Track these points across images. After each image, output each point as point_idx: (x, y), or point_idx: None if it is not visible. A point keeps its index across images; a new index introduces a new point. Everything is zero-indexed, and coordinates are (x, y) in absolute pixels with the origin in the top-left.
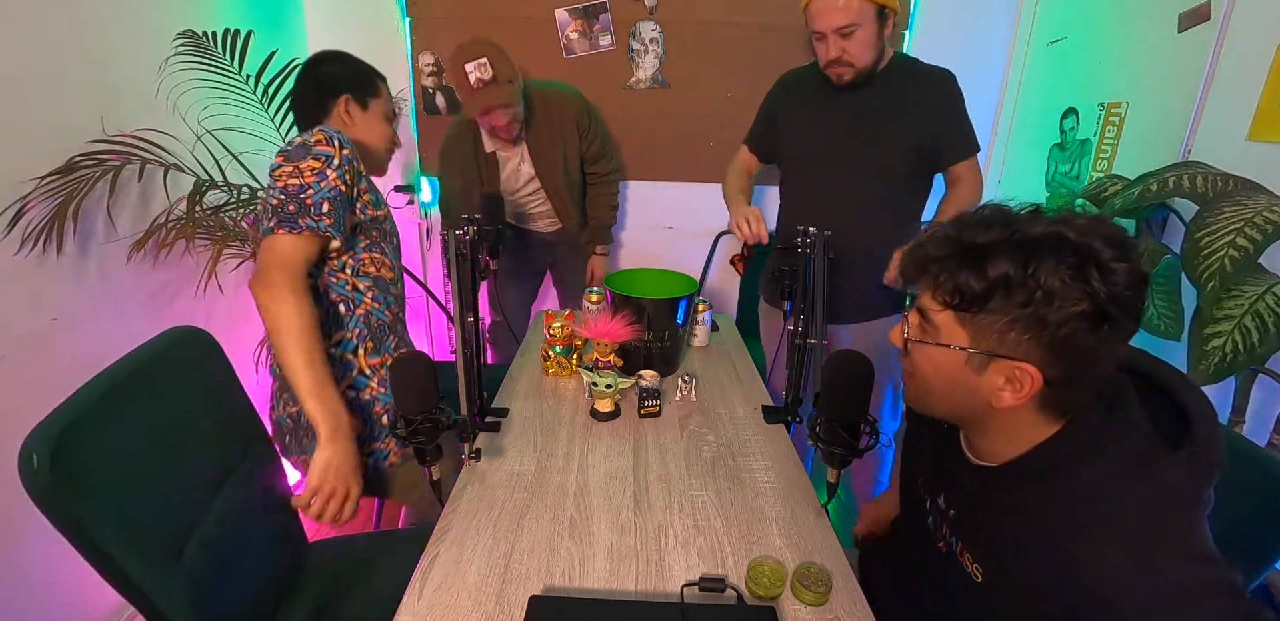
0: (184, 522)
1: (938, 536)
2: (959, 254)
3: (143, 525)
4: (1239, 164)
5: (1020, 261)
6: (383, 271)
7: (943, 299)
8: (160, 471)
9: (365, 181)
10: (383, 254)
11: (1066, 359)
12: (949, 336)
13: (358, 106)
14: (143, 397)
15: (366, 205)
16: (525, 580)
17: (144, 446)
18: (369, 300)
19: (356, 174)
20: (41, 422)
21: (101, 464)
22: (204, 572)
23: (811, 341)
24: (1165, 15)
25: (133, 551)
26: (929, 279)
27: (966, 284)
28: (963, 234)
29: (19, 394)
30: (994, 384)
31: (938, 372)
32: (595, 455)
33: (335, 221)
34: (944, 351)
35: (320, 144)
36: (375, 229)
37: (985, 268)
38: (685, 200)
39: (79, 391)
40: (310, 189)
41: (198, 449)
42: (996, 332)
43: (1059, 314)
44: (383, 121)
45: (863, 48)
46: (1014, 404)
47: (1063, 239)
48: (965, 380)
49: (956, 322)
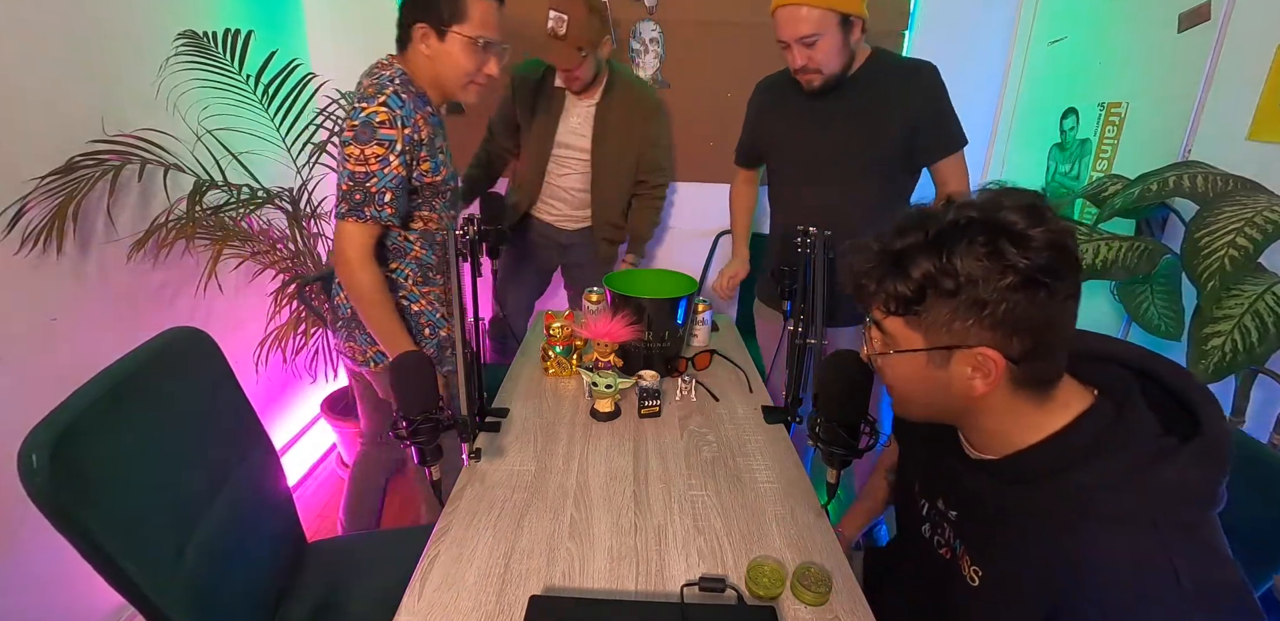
0: (184, 523)
1: (939, 542)
2: (881, 263)
3: (142, 525)
4: (1239, 164)
5: (936, 255)
6: (429, 225)
7: (883, 308)
8: (160, 472)
9: (425, 149)
10: (433, 210)
11: (1019, 332)
12: (906, 341)
13: (435, 36)
14: (142, 398)
15: (424, 173)
16: (525, 580)
17: (143, 447)
18: (417, 248)
19: (418, 145)
20: (41, 422)
21: (101, 464)
22: (204, 573)
23: (811, 341)
24: (1165, 15)
25: (132, 551)
26: (865, 292)
27: (897, 290)
28: (884, 244)
29: (19, 394)
30: (963, 375)
31: (909, 378)
32: (595, 455)
33: (396, 210)
34: (906, 357)
35: (384, 126)
36: (430, 190)
37: (908, 270)
38: (685, 200)
39: (78, 391)
40: (375, 177)
41: (197, 449)
42: (944, 326)
43: (989, 293)
44: (466, 54)
45: (828, 56)
46: (989, 389)
47: (969, 221)
48: (935, 378)
49: (907, 327)
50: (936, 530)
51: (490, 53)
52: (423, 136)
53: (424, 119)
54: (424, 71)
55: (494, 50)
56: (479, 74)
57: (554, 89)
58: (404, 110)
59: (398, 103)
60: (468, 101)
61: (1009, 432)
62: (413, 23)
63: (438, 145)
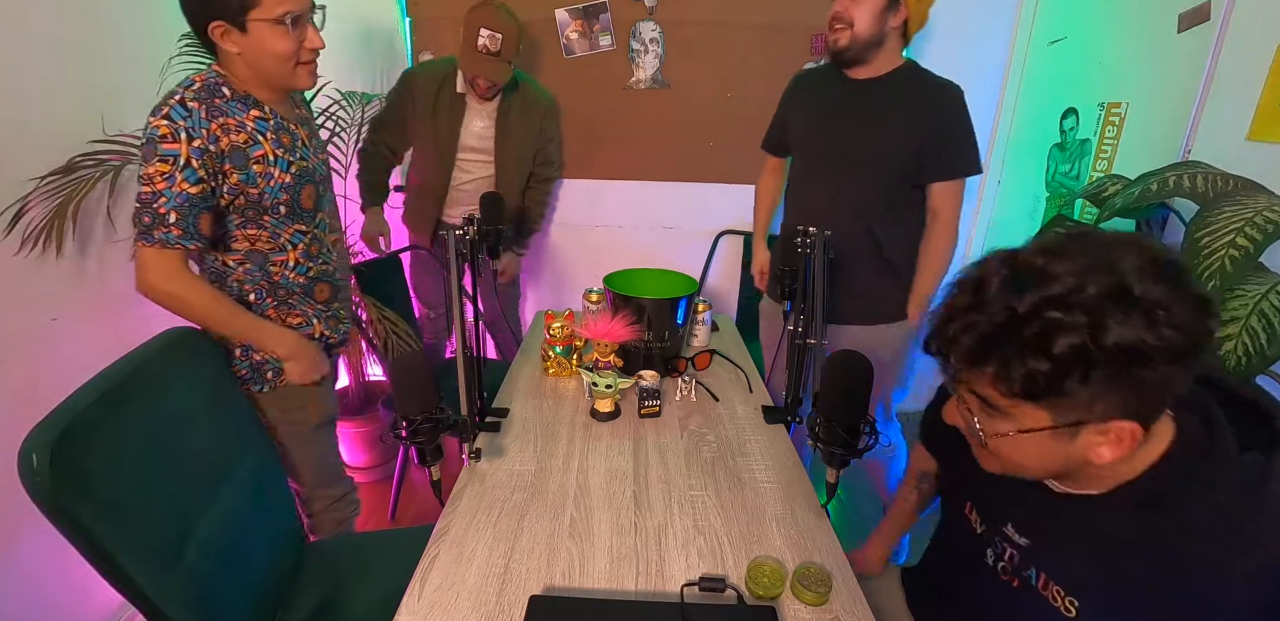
0: (184, 522)
1: (1004, 569)
2: (1004, 336)
3: (143, 525)
4: (1239, 164)
5: (1082, 329)
6: (258, 245)
7: (1013, 390)
8: (159, 471)
9: (231, 160)
10: (261, 228)
11: (1157, 400)
12: (1027, 419)
13: (235, 30)
14: (142, 398)
15: (235, 187)
16: (525, 580)
17: (143, 446)
18: (241, 273)
19: (219, 157)
20: (41, 422)
21: (101, 464)
22: (203, 572)
23: (811, 341)
24: (1165, 15)
25: (133, 551)
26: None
27: (1034, 371)
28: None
29: (19, 394)
30: (1090, 443)
31: (1027, 455)
32: (595, 455)
33: (185, 231)
34: (1029, 435)
35: (166, 141)
36: (251, 208)
37: (1049, 346)
38: (685, 200)
39: (78, 391)
40: (161, 197)
41: (197, 449)
42: (1081, 404)
43: (1140, 371)
44: (278, 37)
45: (864, 14)
46: (1116, 457)
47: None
48: (1058, 450)
49: (1032, 405)
50: (1000, 556)
51: (303, 25)
52: (224, 146)
53: (233, 125)
54: (244, 71)
55: (305, 21)
56: (303, 52)
57: (455, 94)
58: (190, 120)
59: (181, 113)
60: (306, 86)
61: (1110, 472)
62: (206, 23)
63: (254, 154)
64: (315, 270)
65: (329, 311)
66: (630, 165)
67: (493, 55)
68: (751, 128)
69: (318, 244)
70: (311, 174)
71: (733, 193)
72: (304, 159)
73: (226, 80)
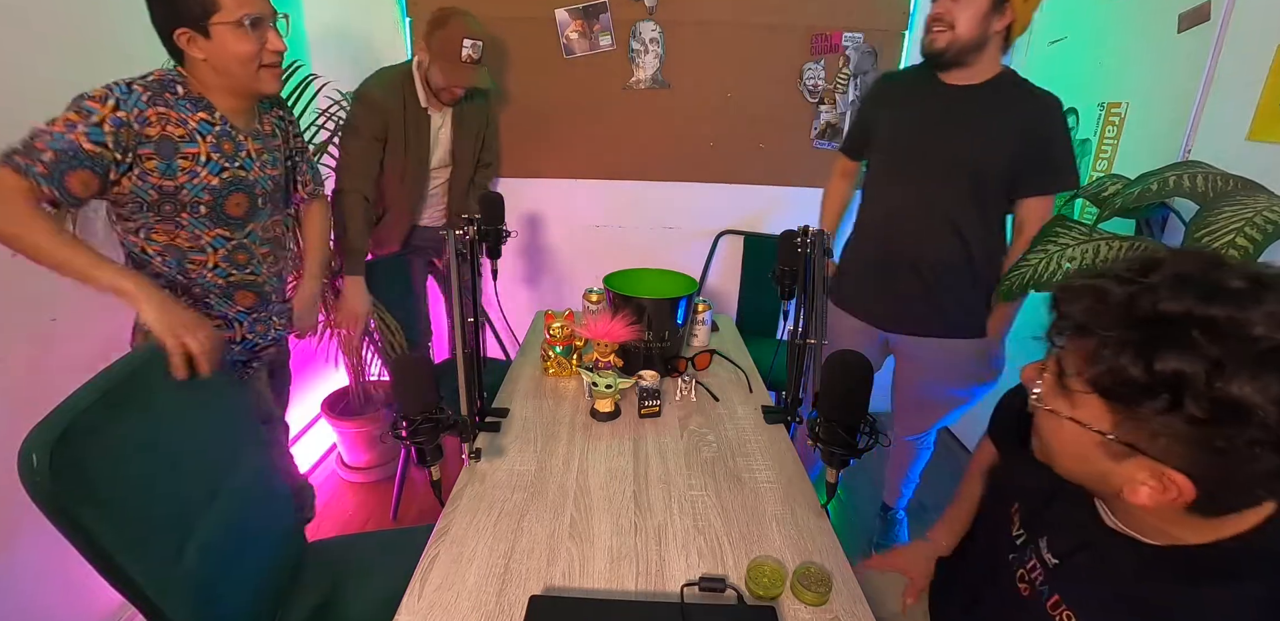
0: (183, 523)
1: (1022, 576)
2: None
3: (142, 525)
4: (1239, 164)
5: (1205, 364)
6: (178, 241)
7: (1093, 375)
8: (159, 472)
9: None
10: (179, 227)
11: (1231, 482)
12: (1088, 414)
13: (200, 36)
14: (141, 398)
15: (147, 172)
16: (525, 580)
17: (143, 447)
18: (159, 263)
19: (140, 138)
20: (41, 423)
21: (100, 463)
22: (203, 572)
23: (811, 341)
24: (1165, 15)
25: (132, 551)
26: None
27: (1124, 371)
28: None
29: (19, 394)
30: (1132, 476)
31: (1064, 445)
32: (595, 455)
33: (50, 173)
34: (1078, 427)
35: (91, 99)
36: (168, 203)
37: (1153, 357)
38: (685, 200)
39: (78, 392)
40: (48, 135)
41: (196, 450)
42: (1150, 431)
43: (1234, 440)
44: (240, 41)
45: (968, 15)
46: (1151, 505)
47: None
48: (1098, 462)
49: (1103, 403)
50: (1023, 564)
51: (264, 28)
52: (152, 133)
53: (174, 119)
54: (209, 77)
55: (266, 24)
56: (265, 54)
57: (418, 106)
58: (128, 97)
59: (122, 90)
60: (271, 90)
61: (1171, 529)
62: (172, 30)
63: (186, 150)
64: (239, 277)
65: (254, 316)
66: (630, 165)
67: (475, 63)
68: (751, 128)
69: (244, 253)
70: (247, 185)
71: (733, 193)
72: (243, 169)
73: (185, 81)
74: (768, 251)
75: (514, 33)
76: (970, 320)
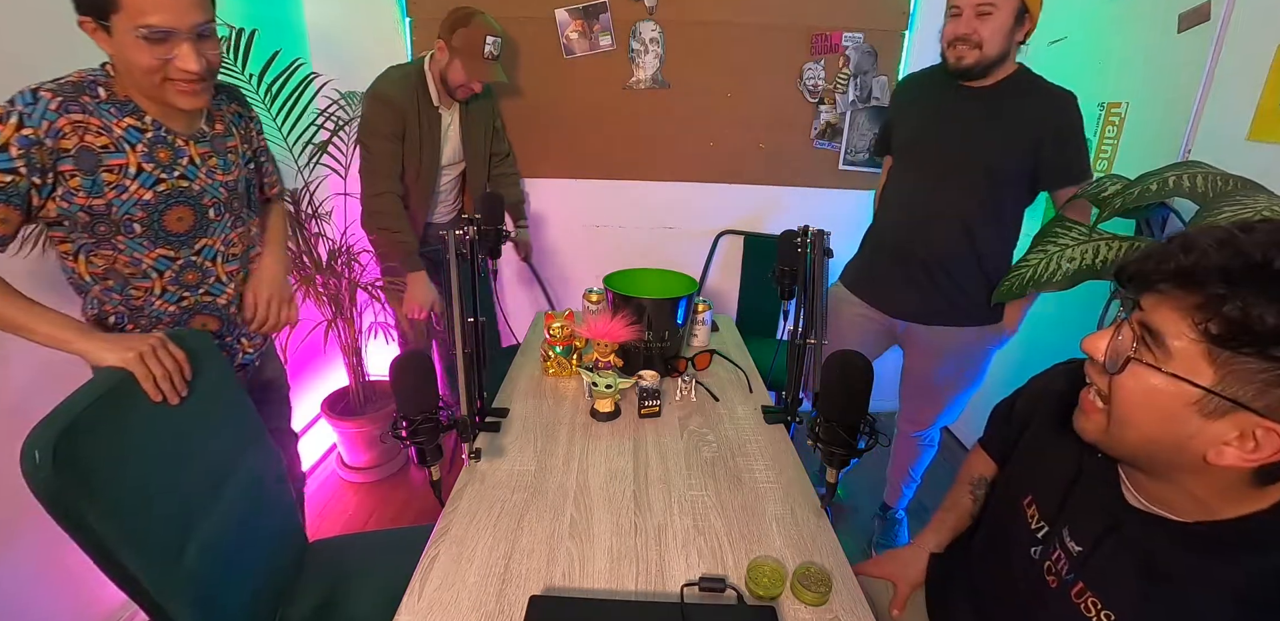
0: (185, 521)
1: (1049, 568)
2: (1256, 272)
3: (143, 522)
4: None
5: None
6: (118, 266)
7: (1206, 327)
8: (161, 470)
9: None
10: (116, 250)
11: None
12: (1186, 367)
13: (102, 31)
14: (144, 397)
15: (72, 192)
16: (525, 580)
17: (145, 445)
18: (98, 292)
19: (56, 155)
20: (44, 420)
21: (102, 461)
22: (205, 570)
23: (811, 342)
24: (1165, 15)
25: (134, 549)
26: (1196, 297)
27: (1258, 318)
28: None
29: (19, 393)
30: (1221, 435)
31: (1150, 403)
32: (595, 455)
33: None
34: (1174, 382)
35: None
36: (100, 224)
37: None
38: (685, 200)
39: (80, 390)
40: None
41: (199, 449)
42: (1260, 383)
43: None
44: (136, 48)
45: (993, 32)
46: (1237, 465)
47: None
48: (1185, 422)
49: (1205, 356)
50: (1049, 556)
51: (171, 44)
52: (68, 145)
53: (95, 126)
54: (126, 80)
55: (180, 39)
56: (172, 69)
57: (430, 104)
58: (33, 108)
59: (26, 100)
60: (184, 106)
61: (1208, 500)
62: (79, 15)
63: (109, 161)
64: (193, 301)
65: (220, 342)
66: (630, 165)
67: (494, 59)
68: (751, 128)
69: (195, 272)
70: (191, 196)
71: (733, 193)
72: (184, 178)
73: (110, 81)
74: (768, 251)
75: (514, 33)
76: (979, 310)
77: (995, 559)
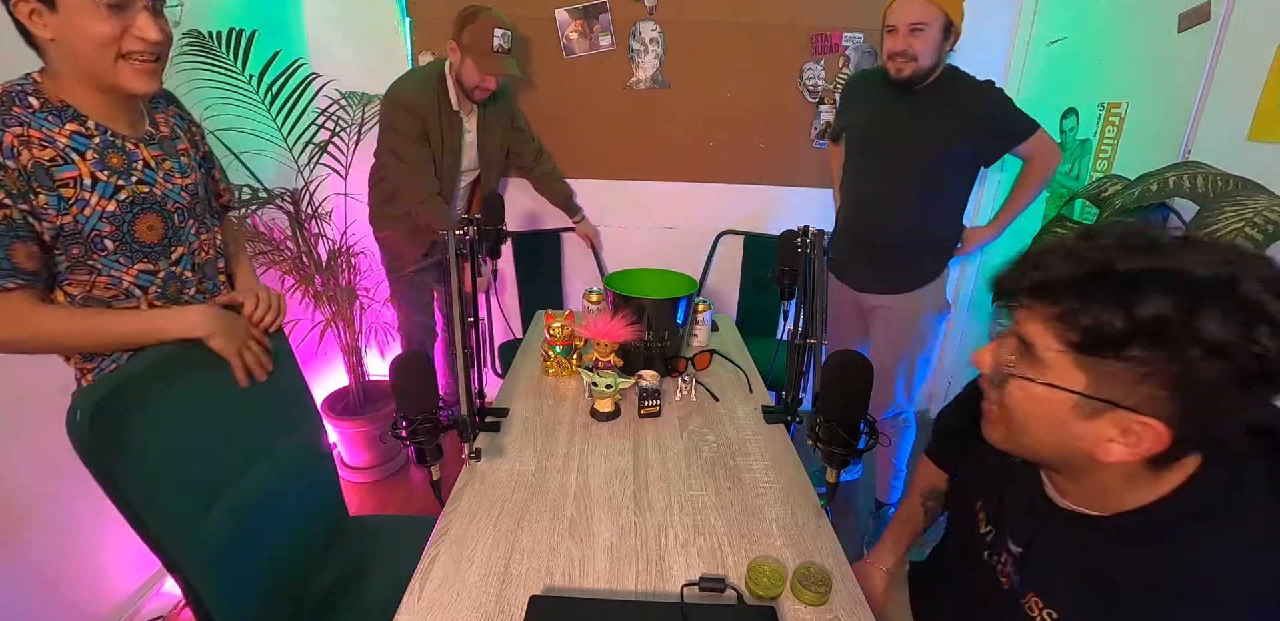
0: (213, 489)
1: (1001, 571)
2: (1097, 281)
3: (168, 482)
4: (1239, 164)
5: (1178, 305)
6: (95, 291)
7: (1067, 337)
8: (194, 438)
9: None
10: (94, 272)
11: (1202, 419)
12: (1061, 376)
13: (44, 8)
14: (194, 370)
15: (43, 211)
16: (525, 580)
17: (182, 415)
18: None
19: (25, 175)
20: (93, 383)
21: (138, 424)
22: (228, 533)
23: (811, 341)
24: (1165, 15)
25: (156, 509)
26: (1052, 309)
27: (1106, 324)
28: (1096, 257)
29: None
30: (1103, 434)
31: (1037, 411)
32: (595, 455)
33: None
34: (1051, 391)
35: None
36: (74, 245)
37: (1133, 306)
38: (685, 200)
39: (131, 361)
40: None
41: (239, 422)
42: (1126, 381)
43: (1212, 372)
44: (90, 17)
45: (926, 46)
46: (1125, 459)
47: (1233, 287)
48: (1069, 425)
49: (1074, 364)
50: (996, 558)
51: (132, 12)
52: (25, 161)
53: (37, 138)
54: (63, 67)
55: (137, 8)
56: (128, 40)
57: (450, 109)
58: None
59: None
60: (135, 89)
61: (1115, 493)
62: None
63: (61, 175)
64: None
65: None
66: (630, 165)
67: (506, 52)
68: (751, 128)
69: (176, 283)
70: (155, 202)
71: (733, 193)
72: (144, 183)
73: (40, 89)
74: (768, 251)
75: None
76: (924, 275)
77: (961, 564)
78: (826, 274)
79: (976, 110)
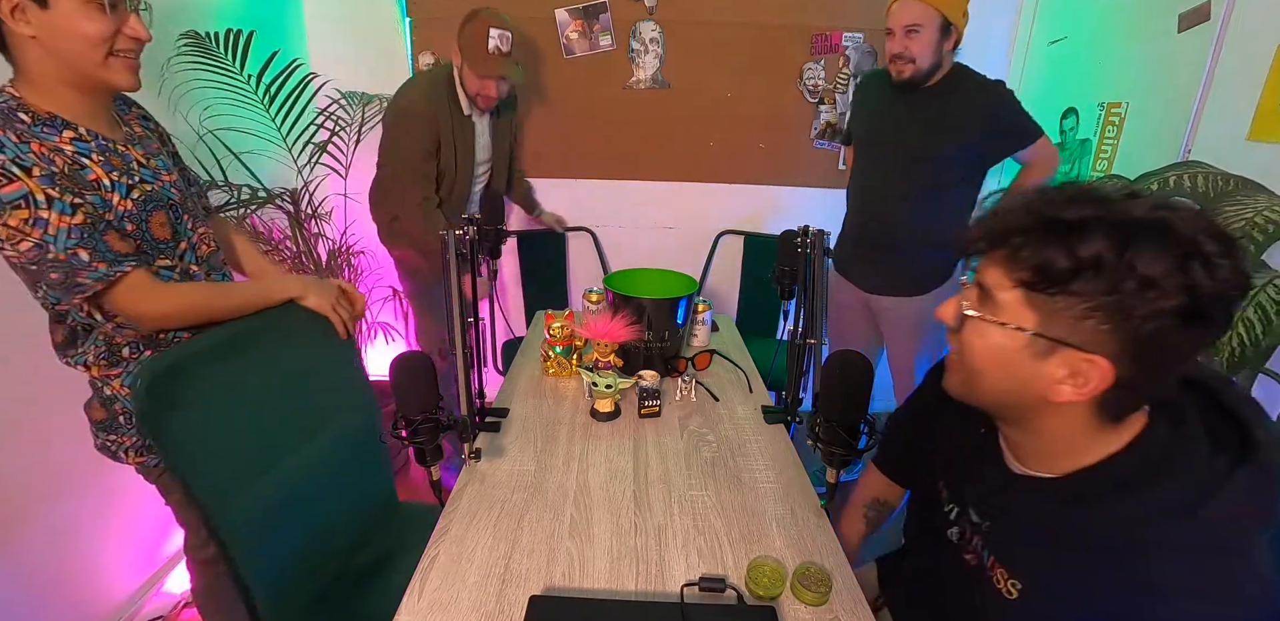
0: (263, 458)
1: (965, 547)
2: (1045, 227)
3: (217, 450)
4: (1239, 164)
5: (1116, 243)
6: None
7: (1018, 276)
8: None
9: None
10: None
11: (1144, 357)
12: (1014, 316)
13: (34, 5)
14: (258, 350)
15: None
16: (525, 580)
17: (240, 389)
18: (109, 329)
19: (72, 177)
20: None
21: (195, 394)
22: (270, 507)
23: (811, 341)
24: (1165, 15)
25: (197, 470)
26: (1005, 251)
27: (1051, 261)
28: (1048, 208)
29: (19, 394)
30: (1054, 375)
31: (991, 354)
32: (595, 455)
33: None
34: (1004, 331)
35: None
36: None
37: (1076, 245)
38: (685, 200)
39: (198, 337)
40: (49, 245)
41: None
42: (1071, 319)
43: (1150, 306)
44: (84, 15)
45: (923, 48)
46: (1073, 399)
47: (1166, 226)
48: (1022, 366)
49: (1026, 303)
50: (963, 535)
51: (124, 11)
52: (62, 166)
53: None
54: (46, 71)
55: (123, 10)
56: (120, 38)
57: (461, 113)
58: (12, 151)
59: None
60: (122, 84)
61: (1067, 449)
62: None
63: (88, 178)
64: None
65: None
66: (630, 165)
67: (505, 55)
68: (751, 128)
69: (188, 279)
70: (159, 198)
71: (733, 193)
72: (145, 182)
73: (22, 102)
74: (768, 251)
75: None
76: (932, 278)
77: (926, 548)
78: (827, 274)
79: (982, 108)
